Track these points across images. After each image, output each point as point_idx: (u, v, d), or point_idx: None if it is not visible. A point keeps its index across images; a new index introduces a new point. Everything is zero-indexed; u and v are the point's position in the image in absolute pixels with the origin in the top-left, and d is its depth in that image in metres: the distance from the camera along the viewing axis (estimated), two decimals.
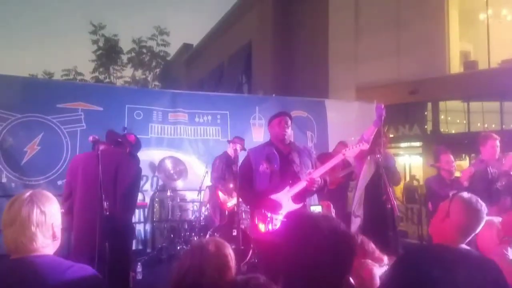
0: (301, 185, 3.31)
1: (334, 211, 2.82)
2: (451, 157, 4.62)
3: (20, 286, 1.48)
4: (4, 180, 5.57)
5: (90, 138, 3.33)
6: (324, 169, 3.35)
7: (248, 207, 4.41)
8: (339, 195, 6.12)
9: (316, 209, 3.12)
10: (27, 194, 1.59)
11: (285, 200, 3.32)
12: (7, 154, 5.66)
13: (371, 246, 2.12)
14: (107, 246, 2.75)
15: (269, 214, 3.31)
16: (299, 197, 3.35)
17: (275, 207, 3.29)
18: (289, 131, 3.51)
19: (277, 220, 3.30)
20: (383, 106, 4.44)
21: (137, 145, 3.97)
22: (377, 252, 2.09)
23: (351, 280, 1.77)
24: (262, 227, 3.33)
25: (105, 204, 2.80)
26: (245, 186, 3.49)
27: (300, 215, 1.66)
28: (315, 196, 3.55)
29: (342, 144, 6.94)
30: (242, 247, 5.32)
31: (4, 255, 1.59)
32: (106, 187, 3.08)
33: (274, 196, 3.32)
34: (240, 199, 3.57)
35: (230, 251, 1.90)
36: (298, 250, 1.46)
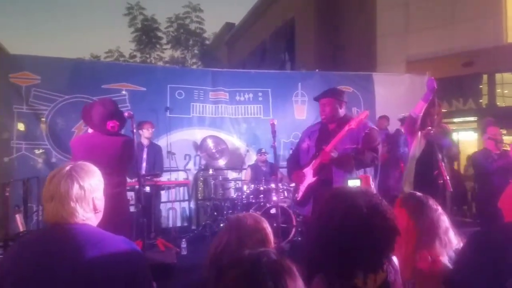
0: (317, 159, 3.37)
1: (373, 184, 2.68)
2: (499, 129, 4.27)
3: (55, 251, 1.46)
4: (53, 160, 5.80)
5: (126, 114, 3.31)
6: (333, 143, 3.28)
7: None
8: (392, 165, 5.94)
9: (354, 183, 2.97)
10: (67, 168, 1.56)
11: (309, 174, 3.44)
12: (56, 135, 5.88)
13: (444, 223, 1.83)
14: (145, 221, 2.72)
15: (297, 186, 3.54)
16: (317, 171, 3.39)
17: (299, 177, 3.48)
18: (328, 112, 3.48)
19: (300, 191, 3.48)
20: (434, 79, 4.09)
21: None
22: (450, 233, 1.81)
23: (395, 260, 1.60)
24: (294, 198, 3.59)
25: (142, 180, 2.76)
26: (291, 163, 3.77)
27: (335, 192, 1.50)
28: (360, 172, 3.38)
29: (385, 118, 6.65)
30: (285, 225, 5.31)
31: None
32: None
33: (305, 170, 3.48)
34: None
35: (267, 226, 1.80)
36: (332, 231, 1.33)
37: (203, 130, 6.78)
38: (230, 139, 6.89)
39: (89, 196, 1.55)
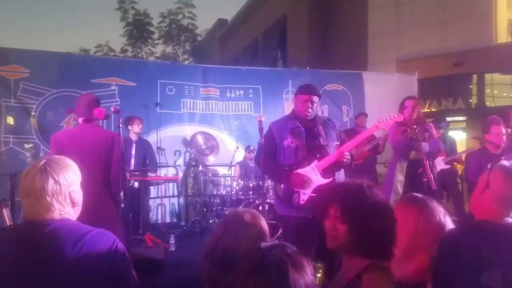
0: (330, 159, 3.16)
1: None
2: (503, 129, 4.15)
3: (34, 248, 1.45)
4: (42, 154, 5.74)
5: (112, 108, 3.30)
6: (356, 142, 3.17)
7: (273, 182, 4.26)
8: (367, 168, 6.02)
9: None
10: (41, 163, 1.54)
11: (313, 175, 3.18)
12: (44, 129, 5.81)
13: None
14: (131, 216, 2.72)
15: (296, 190, 3.19)
16: (328, 171, 3.20)
17: (304, 182, 3.16)
18: (314, 111, 3.33)
19: (305, 195, 3.17)
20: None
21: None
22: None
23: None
24: (289, 203, 3.23)
25: (127, 175, 2.77)
26: (269, 161, 3.35)
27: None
28: (342, 171, 3.38)
29: (364, 116, 6.68)
30: (275, 222, 5.33)
31: None
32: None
33: (301, 171, 3.19)
34: (265, 175, 3.46)
35: (264, 223, 1.82)
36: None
37: (193, 126, 6.78)
38: (220, 136, 6.90)
39: (65, 190, 1.54)
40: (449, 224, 1.85)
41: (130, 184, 2.91)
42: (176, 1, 16.20)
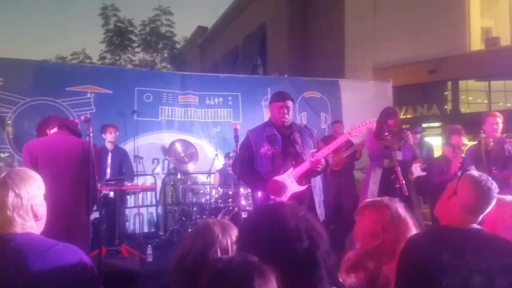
0: (305, 166, 3.20)
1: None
2: (462, 139, 4.39)
3: None
4: (15, 164, 5.59)
5: (82, 117, 3.28)
6: (330, 149, 3.23)
7: (250, 190, 4.28)
8: (346, 174, 6.16)
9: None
10: (2, 175, 1.48)
11: (289, 182, 3.22)
12: (18, 138, 5.66)
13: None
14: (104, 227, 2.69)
15: (272, 197, 3.20)
16: (304, 178, 3.25)
17: (280, 189, 3.19)
18: (290, 116, 3.37)
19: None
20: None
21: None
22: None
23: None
24: None
25: (98, 185, 2.74)
26: (246, 168, 3.39)
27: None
28: (319, 177, 3.42)
29: (339, 123, 6.76)
30: None
31: None
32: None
33: (277, 178, 3.22)
34: (242, 182, 3.48)
35: (236, 234, 1.80)
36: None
37: (172, 134, 6.71)
38: (200, 143, 6.85)
39: (27, 204, 1.48)
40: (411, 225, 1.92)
41: (102, 194, 2.88)
42: (154, 8, 16.18)
